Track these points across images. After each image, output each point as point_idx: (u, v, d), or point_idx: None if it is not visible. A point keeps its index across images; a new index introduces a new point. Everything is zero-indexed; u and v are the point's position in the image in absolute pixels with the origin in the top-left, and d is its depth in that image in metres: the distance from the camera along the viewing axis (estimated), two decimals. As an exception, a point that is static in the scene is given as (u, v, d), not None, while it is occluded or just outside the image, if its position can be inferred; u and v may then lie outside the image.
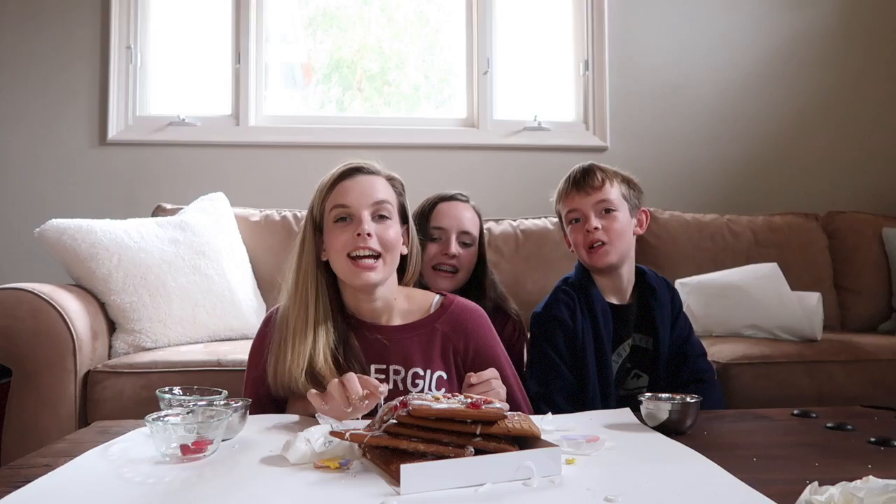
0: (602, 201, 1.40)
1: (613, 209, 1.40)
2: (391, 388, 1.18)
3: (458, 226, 1.53)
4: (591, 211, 1.40)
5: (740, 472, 0.81)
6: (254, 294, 2.09)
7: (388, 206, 1.19)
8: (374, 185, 1.20)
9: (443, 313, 1.25)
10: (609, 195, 1.40)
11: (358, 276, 1.16)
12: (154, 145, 2.65)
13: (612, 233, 1.39)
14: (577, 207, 1.42)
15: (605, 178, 1.41)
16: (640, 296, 1.47)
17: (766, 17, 2.90)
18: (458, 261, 1.53)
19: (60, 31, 2.63)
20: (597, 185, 1.40)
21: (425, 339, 1.22)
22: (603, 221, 1.39)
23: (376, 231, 1.16)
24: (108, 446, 0.95)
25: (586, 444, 0.93)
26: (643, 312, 1.46)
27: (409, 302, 1.27)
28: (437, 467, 0.76)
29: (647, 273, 1.50)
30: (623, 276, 1.45)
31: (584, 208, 1.41)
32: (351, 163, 1.23)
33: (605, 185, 1.40)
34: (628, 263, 1.45)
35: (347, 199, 1.18)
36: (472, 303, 1.30)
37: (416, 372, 1.20)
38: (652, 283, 1.48)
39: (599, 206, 1.40)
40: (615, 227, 1.39)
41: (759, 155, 2.87)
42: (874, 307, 2.45)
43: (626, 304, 1.46)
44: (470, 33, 2.84)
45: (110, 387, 1.59)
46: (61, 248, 1.79)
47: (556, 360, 1.38)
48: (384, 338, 1.21)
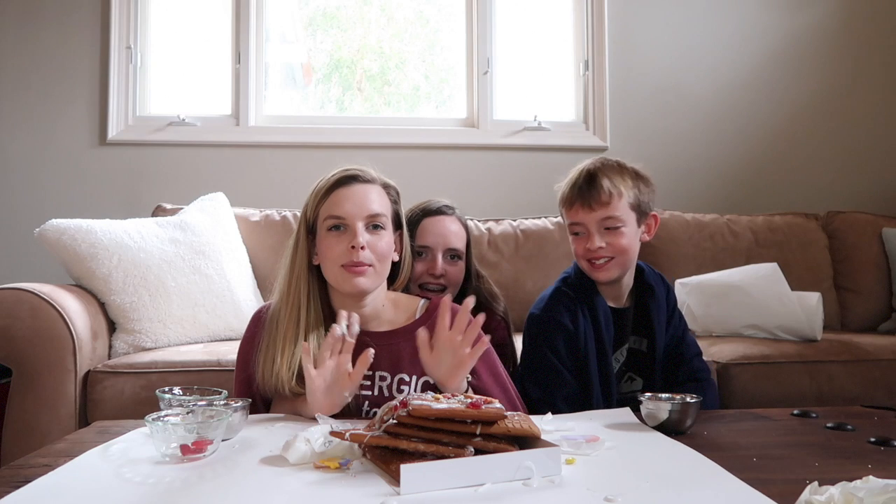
0: (608, 218, 1.30)
1: (620, 225, 1.31)
2: (376, 395, 1.19)
3: (443, 243, 1.48)
4: (594, 227, 1.31)
5: (740, 472, 0.81)
6: (254, 294, 2.09)
7: (382, 217, 1.20)
8: (368, 195, 1.20)
9: (428, 318, 1.25)
10: (616, 211, 1.30)
11: (349, 282, 1.16)
12: (154, 145, 2.65)
13: (617, 249, 1.31)
14: (581, 222, 1.33)
15: (612, 191, 1.30)
16: (637, 297, 1.43)
17: (766, 17, 2.90)
18: (446, 278, 1.49)
19: (60, 31, 2.63)
20: (603, 200, 1.29)
21: (412, 344, 1.21)
22: (607, 238, 1.31)
23: (369, 242, 1.17)
24: (108, 446, 0.95)
25: (586, 444, 0.93)
26: (640, 314, 1.42)
27: (395, 307, 1.27)
28: (437, 467, 0.76)
29: (645, 271, 1.44)
30: (623, 283, 1.40)
31: (587, 223, 1.32)
32: (347, 170, 1.22)
33: (613, 201, 1.30)
34: (630, 271, 1.40)
35: (342, 209, 1.18)
36: (458, 306, 1.30)
37: (401, 378, 1.20)
38: (650, 282, 1.43)
39: (604, 222, 1.31)
40: (620, 243, 1.31)
41: (759, 155, 2.87)
42: (874, 307, 2.45)
43: (624, 307, 1.42)
44: (470, 33, 2.84)
45: (110, 387, 1.59)
46: (61, 248, 1.79)
47: (557, 366, 1.33)
48: (371, 343, 1.21)
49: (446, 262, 1.49)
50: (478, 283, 1.59)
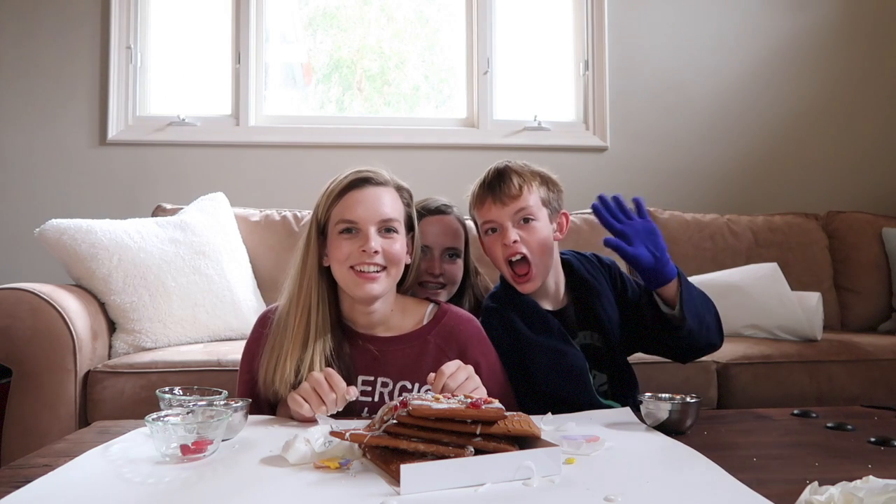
0: (520, 210, 1.29)
1: (532, 218, 1.30)
2: (376, 401, 1.18)
3: (442, 243, 1.48)
4: (508, 222, 1.29)
5: (740, 472, 0.80)
6: (254, 294, 2.09)
7: (395, 222, 1.18)
8: (382, 199, 1.18)
9: (436, 325, 1.24)
10: (527, 202, 1.29)
11: (360, 287, 1.15)
12: (154, 145, 2.65)
13: (533, 246, 1.28)
14: (493, 218, 1.31)
15: (522, 183, 1.30)
16: (573, 293, 1.39)
17: (766, 17, 2.90)
18: (445, 277, 1.51)
19: (60, 31, 2.63)
20: (514, 193, 1.29)
21: (417, 350, 1.21)
22: (522, 232, 1.29)
23: (382, 246, 1.15)
24: (108, 446, 0.95)
25: (586, 443, 0.93)
26: (581, 310, 1.37)
27: (403, 313, 1.26)
28: (437, 467, 0.76)
29: (573, 264, 1.40)
30: (550, 285, 1.36)
31: (500, 219, 1.30)
32: (360, 172, 1.20)
33: (524, 193, 1.29)
34: (553, 271, 1.36)
35: (355, 213, 1.16)
36: (466, 313, 1.30)
37: (403, 385, 1.19)
38: (582, 276, 1.39)
39: (517, 215, 1.29)
40: (536, 239, 1.29)
41: (759, 155, 2.87)
42: (874, 307, 2.45)
43: (564, 306, 1.38)
44: (470, 33, 2.84)
45: (110, 387, 1.59)
46: (61, 248, 1.79)
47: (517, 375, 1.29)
48: (376, 348, 1.20)
49: (445, 260, 1.49)
50: (475, 281, 1.60)
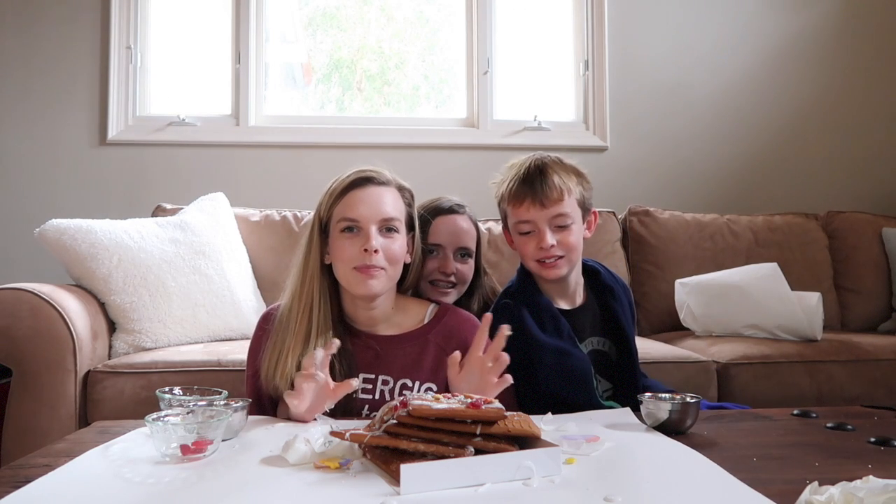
0: (559, 215, 1.27)
1: (570, 223, 1.28)
2: (377, 399, 1.19)
3: (455, 242, 1.49)
4: (546, 226, 1.27)
5: (740, 472, 0.80)
6: (254, 294, 2.09)
7: (396, 221, 1.19)
8: (383, 198, 1.19)
9: (436, 324, 1.25)
10: (567, 208, 1.27)
11: (361, 283, 1.16)
12: (154, 145, 2.65)
13: (568, 247, 1.28)
14: (531, 220, 1.28)
15: (563, 186, 1.26)
16: (597, 296, 1.39)
17: (766, 17, 2.90)
18: (457, 276, 1.51)
19: (60, 31, 2.63)
20: (555, 197, 1.26)
21: (418, 349, 1.22)
22: (558, 236, 1.27)
23: (383, 245, 1.17)
24: (108, 446, 0.95)
25: (586, 443, 0.93)
26: (605, 315, 1.37)
27: (404, 312, 1.27)
28: (437, 467, 0.76)
29: (601, 272, 1.41)
30: (570, 281, 1.35)
31: (538, 221, 1.27)
32: (362, 171, 1.21)
33: (564, 197, 1.26)
34: (576, 268, 1.35)
35: (356, 212, 1.17)
36: (466, 313, 1.30)
37: (404, 383, 1.20)
38: (608, 283, 1.39)
39: (556, 220, 1.27)
40: (570, 240, 1.27)
41: (759, 155, 2.87)
42: (874, 307, 2.45)
43: (578, 306, 1.37)
44: (470, 33, 2.84)
45: (110, 387, 1.59)
46: (61, 248, 1.79)
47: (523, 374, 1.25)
48: (377, 347, 1.21)
49: (457, 260, 1.50)
50: (484, 281, 1.61)
